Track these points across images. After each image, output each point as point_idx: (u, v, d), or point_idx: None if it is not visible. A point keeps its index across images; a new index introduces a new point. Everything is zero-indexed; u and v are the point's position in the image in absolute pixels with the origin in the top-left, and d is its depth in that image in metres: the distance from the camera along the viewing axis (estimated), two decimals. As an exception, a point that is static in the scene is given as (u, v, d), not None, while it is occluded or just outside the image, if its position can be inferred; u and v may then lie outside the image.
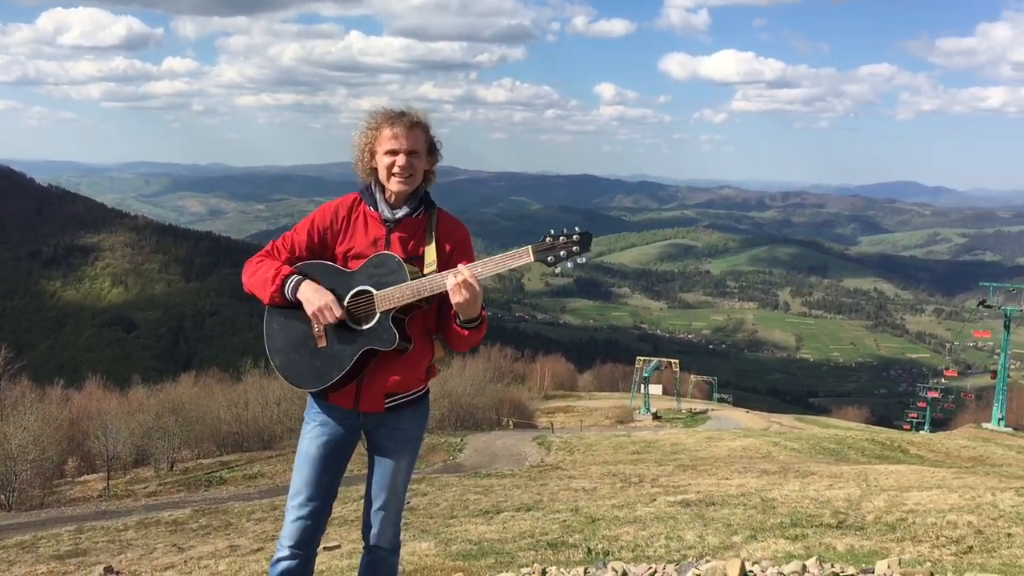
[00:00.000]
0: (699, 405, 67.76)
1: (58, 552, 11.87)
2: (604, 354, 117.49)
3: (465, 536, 7.81)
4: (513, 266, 3.10)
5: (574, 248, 3.06)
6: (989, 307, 50.28)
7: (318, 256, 3.34)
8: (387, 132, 3.23)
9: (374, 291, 3.19)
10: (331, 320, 3.15)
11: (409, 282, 3.15)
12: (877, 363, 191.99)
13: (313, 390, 3.32)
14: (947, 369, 66.68)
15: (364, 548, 3.51)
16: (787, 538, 6.37)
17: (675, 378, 67.84)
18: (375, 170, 3.31)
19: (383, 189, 3.33)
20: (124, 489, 29.77)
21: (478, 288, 3.06)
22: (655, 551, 6.13)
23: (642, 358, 67.18)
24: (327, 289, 3.23)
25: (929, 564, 5.24)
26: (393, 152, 3.23)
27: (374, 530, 3.42)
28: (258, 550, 9.49)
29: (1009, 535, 6.27)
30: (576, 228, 3.11)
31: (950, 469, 15.34)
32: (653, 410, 58.22)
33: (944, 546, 5.93)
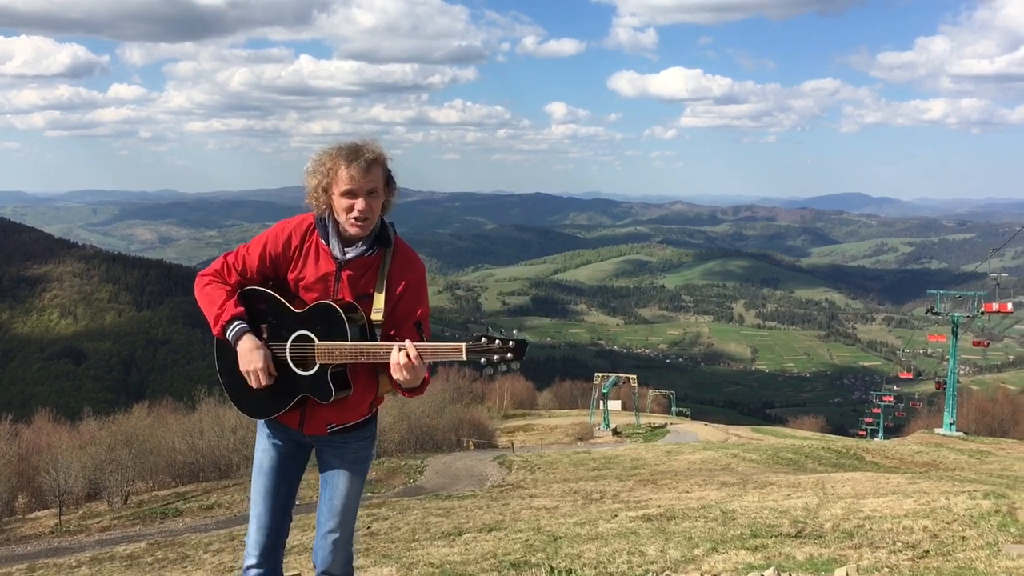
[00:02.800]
0: (658, 419, 68.19)
1: (9, 592, 11.57)
2: (563, 371, 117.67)
3: (427, 560, 7.74)
4: (445, 359, 3.05)
5: (508, 355, 2.95)
6: (937, 314, 51.16)
7: (269, 278, 3.29)
8: (343, 173, 3.10)
9: (316, 340, 3.13)
10: (256, 386, 3.17)
11: (350, 343, 3.08)
12: (831, 372, 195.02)
13: (256, 419, 3.37)
14: (902, 372, 67.86)
15: None
16: (747, 549, 6.41)
17: (634, 393, 68.22)
18: (331, 205, 3.22)
19: (337, 224, 3.24)
20: (77, 524, 29.01)
21: (420, 371, 3.01)
22: (617, 567, 6.14)
23: (600, 374, 67.51)
24: (272, 324, 3.22)
25: (886, 569, 5.32)
26: (351, 194, 3.11)
27: (325, 554, 3.36)
28: (217, 582, 9.32)
29: (963, 538, 6.37)
30: (514, 333, 3.01)
31: (905, 475, 15.57)
32: (613, 426, 58.46)
33: (901, 551, 6.01)
